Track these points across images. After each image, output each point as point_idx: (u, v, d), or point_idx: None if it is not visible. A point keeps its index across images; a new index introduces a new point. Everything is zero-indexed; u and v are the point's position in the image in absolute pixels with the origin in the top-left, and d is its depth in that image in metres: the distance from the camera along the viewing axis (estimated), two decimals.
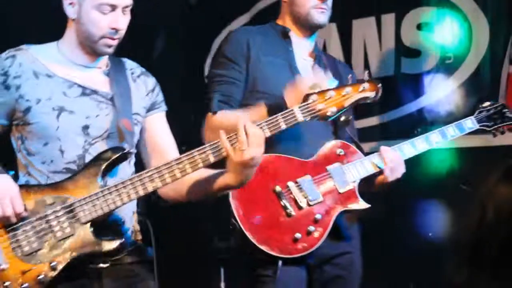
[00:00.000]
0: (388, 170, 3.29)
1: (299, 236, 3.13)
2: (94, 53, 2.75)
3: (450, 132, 3.48)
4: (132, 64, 2.90)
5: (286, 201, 3.15)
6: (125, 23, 2.72)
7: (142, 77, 2.88)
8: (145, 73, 2.91)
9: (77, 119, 2.70)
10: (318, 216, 3.17)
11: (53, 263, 2.57)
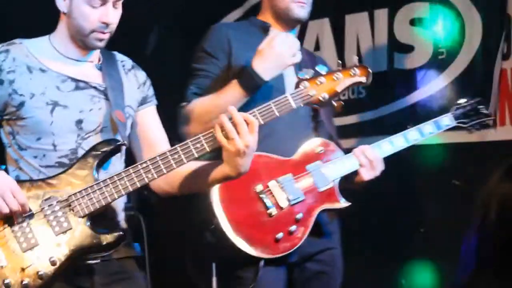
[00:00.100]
0: (367, 168, 3.29)
1: (280, 236, 3.12)
2: (86, 47, 2.74)
3: (428, 129, 3.46)
4: (122, 57, 2.90)
5: (268, 200, 3.14)
6: (116, 17, 2.71)
7: (133, 70, 2.88)
8: (136, 66, 2.90)
9: (70, 114, 2.69)
10: (299, 215, 3.16)
11: (52, 258, 2.56)
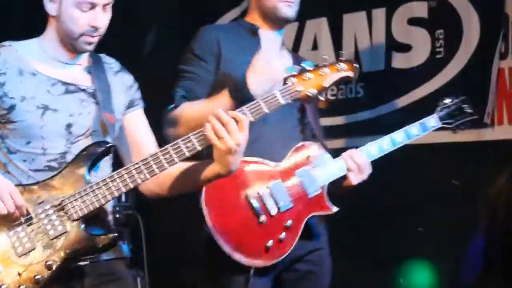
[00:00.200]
0: (355, 172, 3.29)
1: (271, 244, 3.12)
2: (75, 50, 2.74)
3: (414, 132, 3.44)
4: (110, 59, 2.89)
5: (258, 207, 3.13)
6: (105, 21, 2.71)
7: (121, 73, 2.88)
8: (123, 69, 2.90)
9: (60, 118, 2.69)
10: (288, 222, 3.16)
11: (48, 262, 2.56)
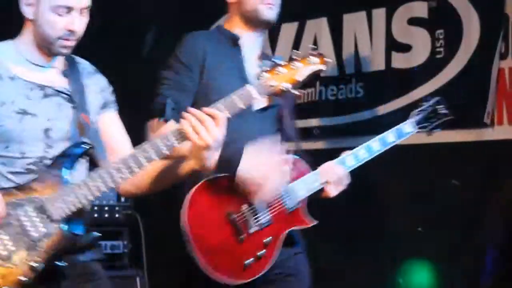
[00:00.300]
0: (333, 185, 3.29)
1: (249, 262, 3.11)
2: (51, 53, 2.73)
3: (390, 139, 3.41)
4: (83, 62, 2.88)
5: (238, 226, 3.12)
6: (82, 25, 2.70)
7: (94, 75, 2.87)
8: (97, 71, 2.89)
9: (39, 122, 2.68)
10: (267, 239, 3.15)
11: (32, 263, 2.55)
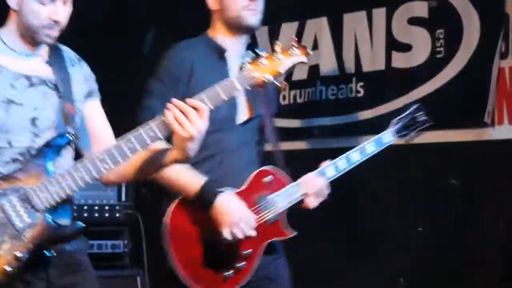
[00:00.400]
0: (313, 197, 3.31)
1: (229, 274, 3.16)
2: (35, 42, 2.73)
3: (370, 148, 3.40)
4: (68, 50, 2.88)
5: (218, 239, 3.14)
6: (65, 15, 2.71)
7: (79, 63, 2.87)
8: (81, 60, 2.89)
9: (25, 112, 2.68)
10: (247, 252, 3.18)
11: (17, 253, 2.55)
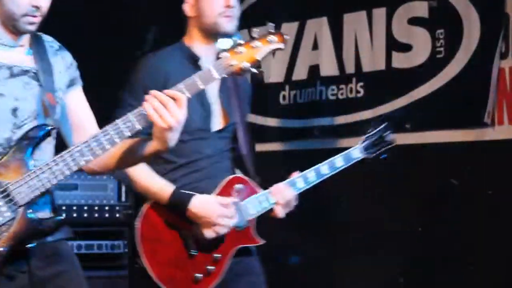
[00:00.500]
0: (281, 207, 3.39)
1: (199, 277, 3.25)
2: (17, 31, 2.72)
3: (339, 163, 3.50)
4: (49, 38, 2.86)
5: (190, 241, 3.25)
6: (46, 0, 2.69)
7: (61, 51, 2.85)
8: (62, 47, 2.87)
9: (6, 102, 2.67)
10: (217, 255, 3.28)
11: None
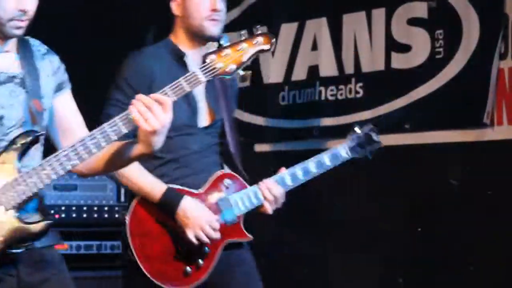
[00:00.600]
0: (269, 203, 3.42)
1: (189, 270, 3.30)
2: (4, 36, 2.71)
3: (326, 163, 3.52)
4: (36, 42, 2.85)
5: (179, 235, 3.28)
6: (33, 4, 2.69)
7: (48, 55, 2.84)
8: (50, 51, 2.86)
9: None
10: (206, 249, 3.31)
11: None
